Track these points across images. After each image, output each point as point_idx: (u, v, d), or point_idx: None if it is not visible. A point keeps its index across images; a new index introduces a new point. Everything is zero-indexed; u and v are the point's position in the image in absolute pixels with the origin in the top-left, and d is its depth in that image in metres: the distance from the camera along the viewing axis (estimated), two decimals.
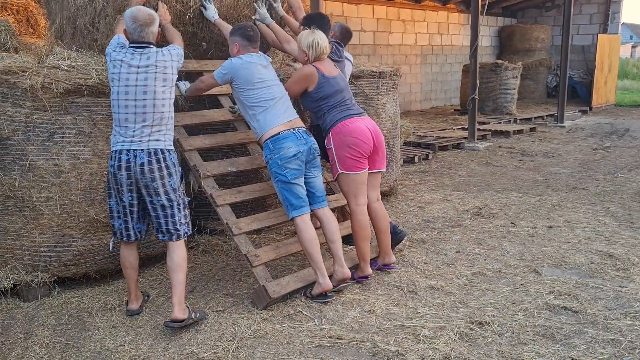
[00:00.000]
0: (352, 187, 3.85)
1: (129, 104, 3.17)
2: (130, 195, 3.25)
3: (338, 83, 3.92)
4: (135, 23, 3.21)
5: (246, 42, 3.72)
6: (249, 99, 3.64)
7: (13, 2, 6.40)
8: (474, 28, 9.30)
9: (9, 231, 3.67)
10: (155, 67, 3.21)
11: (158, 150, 3.20)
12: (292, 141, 3.58)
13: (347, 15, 13.07)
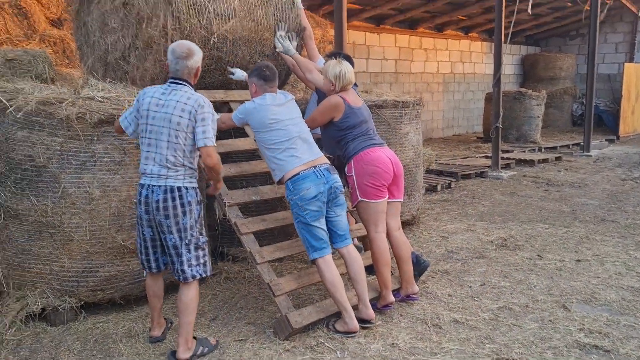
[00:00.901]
0: (371, 215, 3.90)
1: (151, 142, 3.17)
2: (151, 230, 3.24)
3: (362, 113, 4.00)
4: (173, 55, 3.20)
5: (262, 82, 3.74)
6: (265, 141, 3.65)
7: (51, 34, 6.65)
8: (497, 57, 9.33)
9: (40, 256, 3.75)
10: (174, 107, 3.13)
11: (175, 187, 3.15)
12: (311, 181, 3.53)
13: (369, 43, 13.22)
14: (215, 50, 4.52)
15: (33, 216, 3.72)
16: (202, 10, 4.36)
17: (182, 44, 3.24)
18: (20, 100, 3.66)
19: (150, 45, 4.34)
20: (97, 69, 4.73)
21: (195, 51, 3.25)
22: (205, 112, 3.14)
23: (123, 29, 4.50)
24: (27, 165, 3.69)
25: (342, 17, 6.78)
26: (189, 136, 3.14)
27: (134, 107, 3.26)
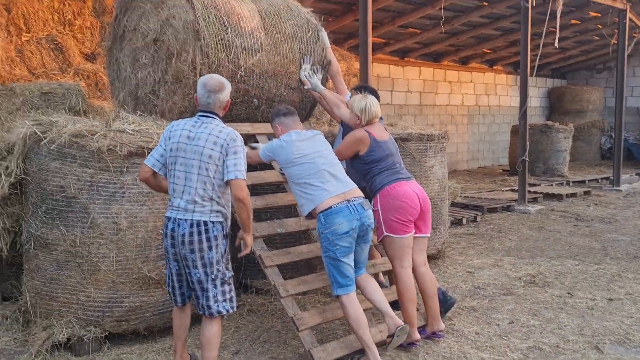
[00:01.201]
0: (397, 250, 3.86)
1: (180, 175, 3.13)
2: (177, 264, 3.19)
3: (389, 147, 4.01)
4: (204, 89, 3.20)
5: (283, 119, 3.83)
6: (293, 176, 3.66)
7: (85, 68, 6.88)
8: (523, 90, 9.29)
9: (67, 285, 3.80)
10: (206, 140, 3.11)
11: (201, 221, 3.10)
12: (344, 217, 3.45)
13: (393, 76, 13.33)
14: (242, 83, 4.61)
15: (62, 246, 3.78)
16: (230, 45, 4.46)
17: (214, 78, 3.25)
18: (54, 132, 3.76)
19: (179, 80, 4.44)
20: (127, 103, 4.86)
21: (226, 85, 3.27)
22: (238, 146, 3.14)
23: (153, 64, 4.63)
24: (58, 196, 3.77)
25: (367, 50, 6.87)
26: (219, 169, 3.12)
27: (161, 142, 3.24)
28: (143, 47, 4.70)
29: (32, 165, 3.90)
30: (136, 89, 4.81)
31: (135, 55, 4.80)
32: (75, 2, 7.15)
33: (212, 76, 3.28)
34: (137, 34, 4.75)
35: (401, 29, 11.92)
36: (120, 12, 4.90)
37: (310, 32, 5.06)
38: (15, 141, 3.92)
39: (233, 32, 4.48)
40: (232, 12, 4.54)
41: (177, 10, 4.40)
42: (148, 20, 4.63)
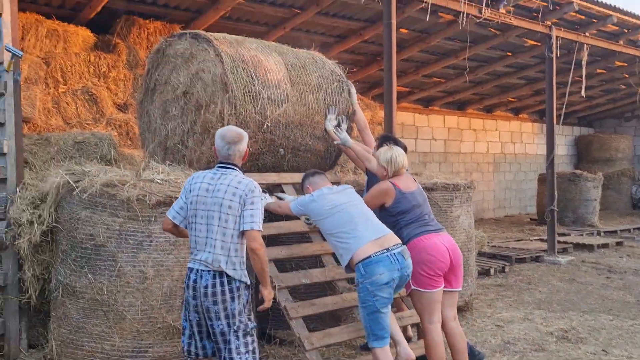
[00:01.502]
0: (425, 305, 3.77)
1: (201, 227, 3.12)
2: (197, 316, 3.11)
3: (415, 198, 3.96)
4: (223, 141, 3.21)
5: (315, 180, 3.94)
6: (327, 228, 3.67)
7: (117, 118, 7.11)
8: (549, 139, 9.24)
9: (93, 334, 3.81)
10: (225, 192, 3.10)
11: (224, 273, 3.06)
12: (385, 267, 3.42)
13: (417, 124, 13.42)
14: (268, 133, 4.70)
15: (89, 294, 3.82)
16: (257, 96, 4.58)
17: (231, 130, 3.27)
18: (87, 182, 3.87)
19: (207, 130, 4.55)
20: (157, 153, 4.98)
21: (244, 135, 3.28)
22: (255, 197, 3.13)
23: (182, 115, 4.77)
24: (88, 244, 3.84)
25: (392, 99, 6.95)
26: (239, 220, 3.10)
27: (182, 194, 3.25)
28: (173, 99, 4.86)
29: (63, 213, 4.00)
30: (165, 139, 4.95)
31: (165, 107, 4.95)
32: (110, 56, 7.46)
33: (229, 128, 3.31)
34: (168, 87, 4.92)
35: (425, 78, 12.09)
36: (152, 66, 5.09)
37: (335, 83, 5.17)
38: (48, 190, 4.04)
39: (260, 84, 4.61)
40: (259, 65, 4.68)
41: (206, 64, 4.56)
42: (178, 74, 4.79)
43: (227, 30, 8.17)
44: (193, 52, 4.69)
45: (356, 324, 4.04)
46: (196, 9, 8.12)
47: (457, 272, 3.90)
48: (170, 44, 4.92)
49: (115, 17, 7.83)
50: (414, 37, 9.87)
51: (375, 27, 9.08)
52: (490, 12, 7.91)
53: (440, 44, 10.17)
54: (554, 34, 8.93)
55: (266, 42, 5.26)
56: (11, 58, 4.26)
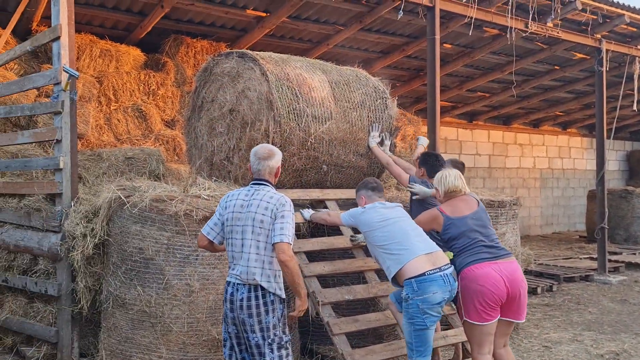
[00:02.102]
0: (476, 337, 3.57)
1: (236, 242, 3.19)
2: (235, 328, 3.17)
3: (466, 223, 3.67)
4: (255, 157, 3.30)
5: (370, 192, 3.91)
6: (377, 239, 3.65)
7: (165, 134, 7.34)
8: (599, 154, 8.98)
9: (141, 345, 3.92)
10: (257, 206, 3.16)
11: (259, 286, 3.12)
12: (439, 286, 3.41)
13: (461, 139, 13.27)
14: (312, 150, 4.76)
15: (138, 305, 3.94)
16: (301, 114, 4.65)
17: (264, 147, 3.38)
18: (137, 197, 4.01)
19: (252, 147, 4.64)
20: (203, 169, 5.11)
21: (276, 152, 3.34)
22: (286, 211, 3.16)
23: (229, 132, 4.88)
24: (137, 257, 3.97)
25: (435, 114, 6.91)
26: (270, 233, 3.15)
27: (217, 212, 3.32)
28: (219, 116, 4.99)
29: (114, 227, 4.15)
30: (212, 155, 5.07)
31: (212, 124, 5.08)
32: (159, 74, 7.73)
33: (263, 145, 3.41)
34: (215, 104, 5.05)
35: (469, 92, 11.96)
36: (200, 85, 5.25)
37: (379, 100, 5.20)
38: (101, 204, 4.20)
39: (304, 102, 4.69)
40: (303, 83, 4.76)
41: (252, 83, 4.67)
42: (225, 92, 4.92)
43: (272, 47, 8.35)
44: (239, 71, 4.81)
45: (399, 342, 4.02)
46: (242, 27, 8.32)
47: (517, 303, 3.57)
48: (218, 62, 5.06)
49: (164, 37, 8.11)
50: (458, 51, 9.81)
51: (419, 43, 9.08)
52: (537, 26, 7.79)
53: (485, 58, 10.07)
54: (603, 47, 8.70)
55: (311, 60, 5.34)
56: (68, 78, 4.47)
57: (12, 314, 4.77)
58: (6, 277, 4.91)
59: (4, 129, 6.04)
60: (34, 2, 6.49)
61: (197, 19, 7.99)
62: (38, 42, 4.89)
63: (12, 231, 4.88)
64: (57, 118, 4.55)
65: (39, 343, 4.60)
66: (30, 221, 4.72)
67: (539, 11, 7.79)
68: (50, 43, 4.68)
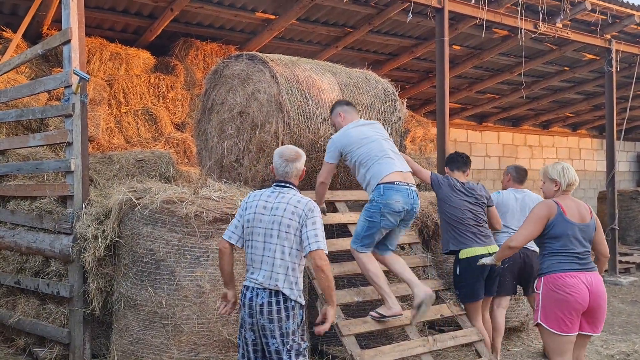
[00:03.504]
0: (556, 347, 3.44)
1: (257, 245, 3.11)
2: (253, 334, 3.09)
3: (574, 231, 3.47)
4: (281, 159, 3.22)
5: (346, 107, 4.24)
6: (359, 157, 3.98)
7: (175, 136, 7.39)
8: (609, 155, 8.93)
9: (152, 345, 3.94)
10: (285, 210, 3.09)
11: (280, 291, 3.05)
12: (402, 196, 3.83)
13: (471, 141, 13.23)
14: (322, 152, 4.76)
15: (149, 306, 3.96)
16: (311, 116, 4.66)
17: (290, 148, 3.30)
18: (147, 199, 4.03)
19: (262, 149, 4.67)
20: (213, 171, 5.13)
21: (302, 154, 3.29)
22: (316, 216, 3.11)
23: (238, 135, 4.90)
24: (148, 259, 4.00)
25: (445, 116, 6.91)
26: (296, 239, 3.09)
27: (237, 215, 3.25)
28: (229, 119, 5.01)
29: (125, 229, 4.18)
30: (222, 157, 5.09)
31: (221, 126, 5.11)
32: (169, 77, 7.77)
33: (288, 146, 3.35)
34: (225, 107, 5.08)
35: (479, 94, 11.93)
36: (210, 87, 5.27)
37: (388, 102, 5.20)
38: (112, 206, 4.23)
39: (314, 104, 4.70)
40: (313, 85, 4.78)
41: (262, 85, 4.69)
42: (235, 94, 4.94)
43: (281, 49, 8.37)
44: (249, 73, 4.83)
45: (408, 343, 4.01)
46: (251, 30, 8.36)
47: (595, 316, 3.47)
48: (227, 65, 5.09)
49: (173, 40, 8.17)
50: (467, 53, 9.79)
51: (428, 44, 9.07)
52: (546, 27, 7.76)
53: (494, 60, 10.04)
54: (613, 47, 8.66)
55: (320, 62, 5.35)
56: (79, 81, 4.51)
57: (25, 315, 4.81)
58: (19, 279, 4.96)
59: (15, 132, 6.10)
60: (44, 6, 6.56)
61: (207, 21, 8.04)
62: (49, 45, 4.94)
63: (24, 233, 4.92)
64: (68, 121, 4.59)
65: (51, 344, 4.63)
66: (42, 223, 4.76)
67: (548, 12, 7.77)
68: (61, 46, 4.72)
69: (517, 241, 3.55)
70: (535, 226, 3.51)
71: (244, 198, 3.29)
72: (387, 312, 3.97)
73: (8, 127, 6.10)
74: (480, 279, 4.34)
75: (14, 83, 6.05)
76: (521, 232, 3.55)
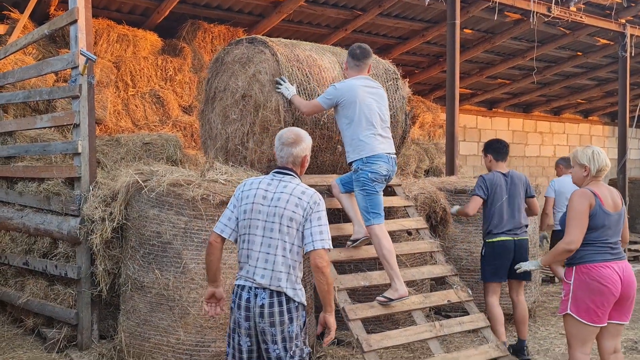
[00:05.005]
0: (581, 335, 3.39)
1: (255, 240, 2.80)
2: (249, 340, 2.77)
3: (610, 221, 3.40)
4: (279, 141, 2.92)
5: (350, 59, 4.18)
6: (351, 120, 4.03)
7: (182, 120, 7.36)
8: (621, 142, 8.82)
9: (159, 327, 3.96)
10: (287, 201, 2.78)
11: (282, 291, 2.75)
12: (384, 162, 4.03)
13: (480, 127, 13.10)
14: (325, 129, 4.73)
15: (156, 289, 3.97)
16: (312, 94, 4.63)
17: (291, 130, 2.98)
18: (154, 181, 4.02)
19: (266, 129, 4.62)
20: (219, 157, 5.10)
21: (304, 138, 2.94)
22: (322, 211, 2.82)
23: (242, 118, 4.87)
24: (155, 241, 3.99)
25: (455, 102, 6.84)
26: (298, 235, 2.78)
27: (230, 205, 2.92)
28: (232, 104, 4.97)
29: (132, 211, 4.17)
30: (226, 142, 5.06)
31: (225, 112, 5.07)
32: (177, 59, 7.72)
33: (290, 129, 3.02)
34: (227, 92, 5.03)
35: (489, 79, 11.79)
36: (212, 75, 5.23)
37: (390, 81, 5.14)
38: (119, 189, 4.22)
39: (315, 82, 4.66)
40: (313, 64, 4.75)
41: (262, 66, 4.65)
42: (237, 79, 4.90)
43: (289, 32, 8.29)
44: (250, 56, 4.80)
45: (415, 328, 4.00)
46: (259, 12, 8.27)
47: (625, 304, 3.41)
48: (228, 52, 5.06)
49: (181, 22, 8.10)
50: (478, 37, 9.65)
51: (438, 28, 8.94)
52: (559, 10, 7.63)
53: (506, 44, 9.89)
54: (628, 32, 8.51)
55: (320, 45, 5.36)
56: (85, 62, 4.48)
57: (33, 296, 4.85)
58: (27, 260, 4.99)
59: (23, 113, 6.10)
60: None
61: (214, 3, 7.96)
62: (55, 25, 4.91)
63: (32, 215, 4.94)
64: (75, 102, 4.57)
65: (59, 325, 4.66)
66: (49, 205, 4.77)
67: None
68: (68, 27, 4.69)
69: (575, 243, 3.35)
70: (583, 221, 3.36)
71: (238, 186, 2.97)
72: (393, 294, 3.98)
73: (16, 109, 6.10)
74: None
75: (21, 64, 6.03)
76: (574, 233, 3.36)
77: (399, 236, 4.85)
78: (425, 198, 5.19)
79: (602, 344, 3.48)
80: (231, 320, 2.83)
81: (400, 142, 5.20)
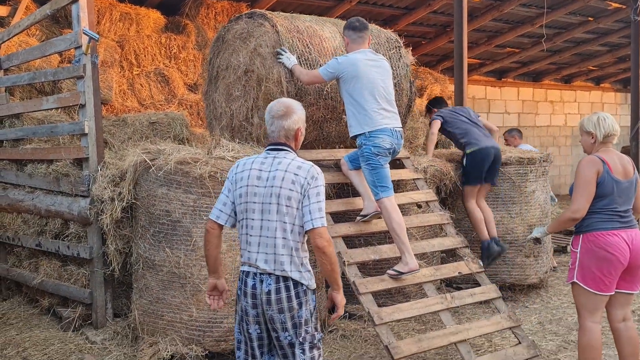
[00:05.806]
0: (589, 304, 3.36)
1: (254, 224, 2.66)
2: (258, 327, 2.67)
3: (620, 189, 3.32)
4: (269, 114, 2.73)
5: (351, 32, 4.14)
6: (352, 91, 4.01)
7: (188, 98, 7.32)
8: (634, 109, 8.67)
9: (172, 305, 3.99)
10: (283, 179, 2.62)
11: (288, 276, 2.63)
12: (388, 136, 4.01)
13: (489, 97, 12.95)
14: (329, 99, 4.68)
15: (167, 267, 3.99)
16: (314, 64, 4.58)
17: (281, 102, 2.77)
18: (162, 160, 4.01)
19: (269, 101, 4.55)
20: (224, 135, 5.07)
21: (295, 110, 2.73)
22: (320, 186, 2.65)
23: (245, 94, 4.82)
24: (164, 220, 4.00)
25: (463, 72, 6.76)
26: (299, 214, 2.63)
27: (224, 189, 2.77)
28: (235, 80, 4.92)
29: (141, 190, 4.18)
30: (231, 120, 5.03)
31: (228, 90, 5.02)
32: (180, 37, 7.65)
33: (280, 100, 2.80)
34: (229, 70, 4.98)
35: (498, 48, 11.59)
36: (214, 55, 5.17)
37: (393, 50, 5.06)
38: (127, 168, 4.22)
39: (316, 52, 4.61)
40: (314, 34, 4.70)
41: (263, 39, 4.58)
42: (238, 55, 4.85)
43: (293, 6, 8.17)
44: (250, 30, 4.73)
45: (426, 301, 4.00)
46: None
47: (634, 273, 3.36)
48: (229, 29, 4.99)
49: None
50: (486, 5, 9.46)
51: None
52: None
53: (515, 11, 9.69)
54: None
55: (320, 17, 5.29)
56: (88, 41, 4.43)
57: (47, 277, 4.91)
58: (40, 241, 5.04)
59: (29, 95, 6.10)
60: None
61: None
62: (57, 4, 4.86)
63: (43, 196, 4.97)
64: (80, 82, 4.54)
65: (74, 304, 4.73)
66: (59, 186, 4.79)
67: None
68: (69, 6, 4.64)
69: (581, 211, 3.31)
70: (590, 188, 3.30)
71: (232, 168, 2.79)
72: (403, 268, 3.98)
73: (22, 91, 6.10)
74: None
75: (25, 46, 6.00)
76: (579, 201, 3.31)
77: (408, 209, 4.83)
78: (434, 170, 5.15)
79: (610, 312, 3.45)
80: (238, 307, 2.73)
81: (406, 110, 5.14)
